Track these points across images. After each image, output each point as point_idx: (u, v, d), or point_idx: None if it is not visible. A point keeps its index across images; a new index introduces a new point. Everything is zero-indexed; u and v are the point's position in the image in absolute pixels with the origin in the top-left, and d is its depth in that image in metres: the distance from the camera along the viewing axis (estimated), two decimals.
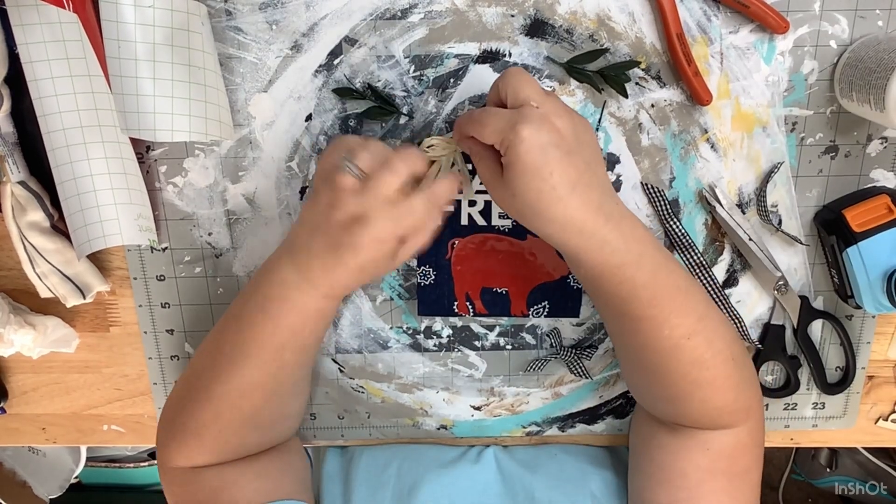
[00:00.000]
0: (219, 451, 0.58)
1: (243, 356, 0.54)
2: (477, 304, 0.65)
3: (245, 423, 0.57)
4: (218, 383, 0.55)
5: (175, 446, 0.58)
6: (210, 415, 0.56)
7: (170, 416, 0.59)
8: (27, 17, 0.53)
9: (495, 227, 0.63)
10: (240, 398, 0.55)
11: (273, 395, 0.57)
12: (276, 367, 0.55)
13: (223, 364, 0.55)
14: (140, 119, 0.52)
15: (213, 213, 0.63)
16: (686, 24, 0.57)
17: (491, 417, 0.70)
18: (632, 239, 0.50)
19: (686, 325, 0.52)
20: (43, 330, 0.65)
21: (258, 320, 0.54)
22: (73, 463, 1.11)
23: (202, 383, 0.56)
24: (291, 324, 0.53)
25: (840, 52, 0.58)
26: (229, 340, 0.55)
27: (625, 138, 0.60)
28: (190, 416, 0.57)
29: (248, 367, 0.54)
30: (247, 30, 0.57)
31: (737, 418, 0.56)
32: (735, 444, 0.56)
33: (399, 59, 0.58)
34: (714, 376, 0.54)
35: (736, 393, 0.55)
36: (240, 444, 0.59)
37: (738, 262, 0.64)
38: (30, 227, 0.60)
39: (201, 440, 0.57)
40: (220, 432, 0.57)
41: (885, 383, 0.69)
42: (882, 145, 0.60)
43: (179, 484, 0.58)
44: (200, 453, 0.57)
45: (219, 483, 0.57)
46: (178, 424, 0.58)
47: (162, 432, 0.60)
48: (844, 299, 0.63)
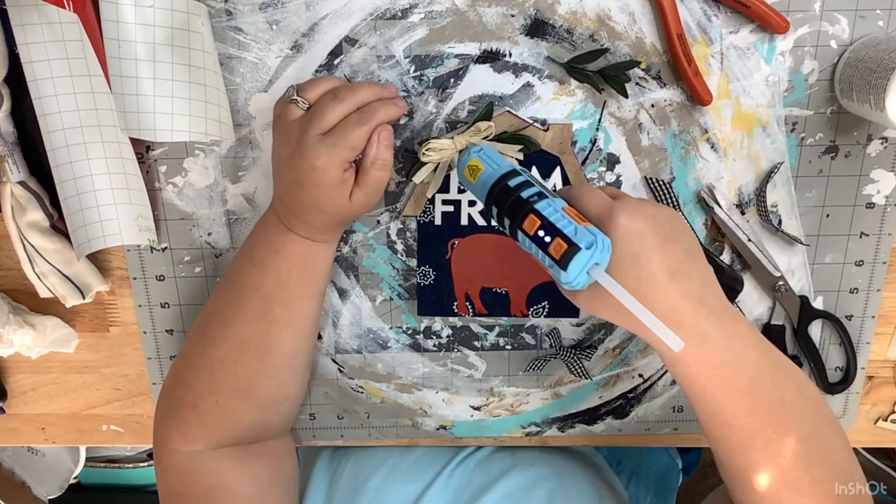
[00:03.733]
0: (215, 430, 0.58)
1: (235, 311, 0.56)
2: (476, 304, 0.65)
3: (241, 393, 0.57)
4: (213, 346, 0.56)
5: (174, 424, 0.58)
6: (207, 383, 0.56)
7: (167, 392, 0.60)
8: (27, 17, 0.53)
9: (495, 227, 0.63)
10: (234, 362, 0.56)
11: (265, 363, 0.57)
12: (267, 323, 0.56)
13: (216, 325, 0.57)
14: (140, 119, 0.52)
15: (212, 213, 0.63)
16: (686, 24, 0.57)
17: (490, 418, 0.70)
18: (735, 337, 0.46)
19: (783, 444, 0.47)
20: (42, 330, 0.65)
21: (247, 270, 0.56)
22: (73, 463, 1.11)
23: (198, 349, 0.57)
24: (277, 270, 0.55)
25: (840, 52, 0.58)
26: (222, 299, 0.58)
27: (625, 138, 0.60)
28: (187, 389, 0.57)
29: (239, 322, 0.56)
30: (247, 30, 0.57)
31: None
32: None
33: (399, 59, 0.58)
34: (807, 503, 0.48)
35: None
36: (235, 422, 0.58)
37: (737, 263, 0.64)
38: (29, 227, 0.60)
39: (199, 413, 0.57)
40: (216, 404, 0.57)
41: (885, 384, 0.69)
42: (882, 145, 0.60)
43: (175, 471, 0.58)
44: (198, 432, 0.57)
45: (214, 481, 0.57)
46: (175, 398, 0.58)
47: (159, 411, 0.60)
48: None
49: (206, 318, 0.59)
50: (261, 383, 0.58)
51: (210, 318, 0.58)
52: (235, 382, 0.57)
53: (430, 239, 0.63)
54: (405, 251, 0.64)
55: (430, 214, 0.62)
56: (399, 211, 0.63)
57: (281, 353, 0.58)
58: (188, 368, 0.58)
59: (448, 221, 0.62)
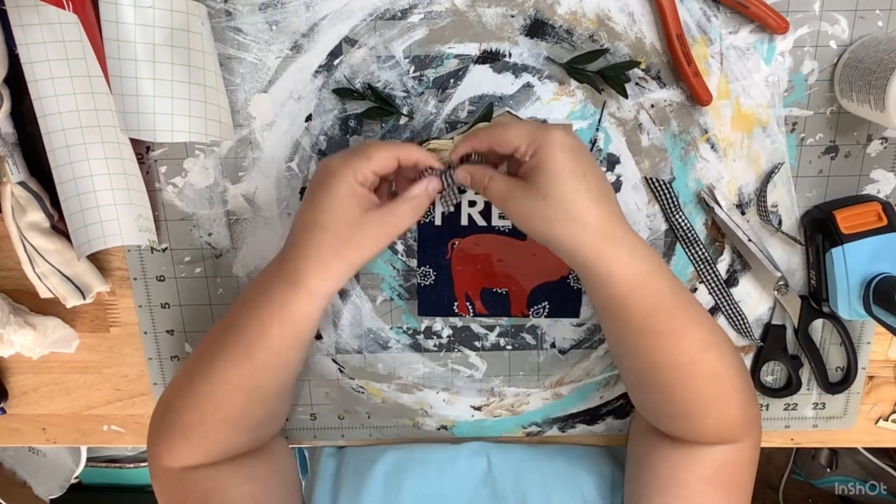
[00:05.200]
0: (206, 452, 0.58)
1: (220, 350, 0.55)
2: (477, 304, 0.65)
3: (230, 424, 0.57)
4: (200, 381, 0.56)
5: (164, 446, 0.58)
6: (196, 415, 0.56)
7: (159, 414, 0.59)
8: (27, 17, 0.53)
9: (495, 227, 0.63)
10: (221, 398, 0.55)
11: (253, 399, 0.57)
12: (251, 366, 0.54)
13: (205, 361, 0.56)
14: (140, 119, 0.52)
15: (213, 213, 0.63)
16: (686, 25, 0.57)
17: (491, 418, 0.70)
18: (650, 249, 0.50)
19: (701, 338, 0.52)
20: (43, 330, 0.65)
21: (235, 308, 0.56)
22: (74, 463, 1.11)
23: (188, 381, 0.57)
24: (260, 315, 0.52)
25: (840, 52, 0.58)
26: (212, 337, 0.57)
27: (625, 139, 0.60)
28: (177, 416, 0.57)
29: (223, 362, 0.55)
30: (247, 30, 0.57)
31: (743, 432, 0.56)
32: (738, 458, 0.57)
33: (399, 60, 0.58)
34: (728, 390, 0.54)
35: (745, 407, 0.55)
36: (226, 445, 0.58)
37: (738, 263, 0.64)
38: (30, 228, 0.60)
39: (188, 440, 0.57)
40: (206, 433, 0.57)
41: (886, 383, 0.69)
42: (882, 145, 0.60)
43: (170, 485, 0.58)
44: (189, 453, 0.57)
45: (210, 485, 0.58)
46: (165, 423, 0.58)
47: (152, 431, 0.60)
48: (818, 302, 0.63)
49: (198, 351, 0.58)
50: (249, 413, 0.58)
51: (202, 353, 0.57)
52: (224, 415, 0.56)
53: (430, 239, 0.63)
54: (405, 251, 0.64)
55: (430, 215, 0.62)
56: None
57: (267, 389, 0.57)
58: (179, 396, 0.57)
59: (448, 222, 0.62)
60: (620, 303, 0.50)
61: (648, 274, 0.49)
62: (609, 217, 0.48)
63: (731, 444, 0.56)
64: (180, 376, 0.58)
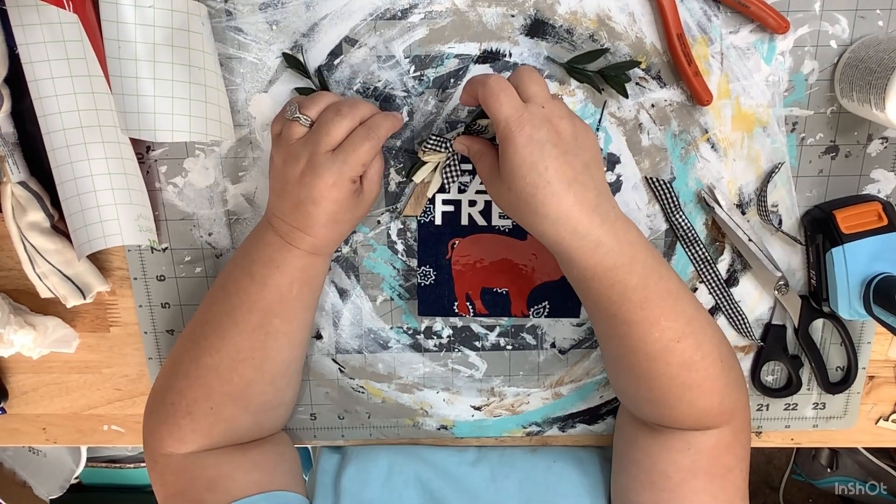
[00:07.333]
0: (210, 433, 0.58)
1: (231, 322, 0.56)
2: (477, 304, 0.65)
3: (236, 400, 0.57)
4: (207, 355, 0.56)
5: (167, 430, 0.57)
6: (201, 390, 0.56)
7: (158, 398, 0.59)
8: (27, 17, 0.53)
9: (495, 227, 0.63)
10: (229, 370, 0.56)
11: (262, 371, 0.57)
12: (264, 334, 0.56)
13: (211, 335, 0.56)
14: (140, 119, 0.52)
15: (213, 213, 0.63)
16: (686, 24, 0.57)
17: (491, 418, 0.70)
18: (625, 242, 0.50)
19: (675, 328, 0.52)
20: (43, 330, 0.65)
21: (244, 284, 0.56)
22: (74, 463, 1.11)
23: (191, 357, 0.57)
24: (278, 284, 0.55)
25: (840, 52, 0.58)
26: (217, 310, 0.57)
27: (625, 138, 0.60)
28: (180, 395, 0.57)
29: (237, 334, 0.55)
30: (247, 30, 0.57)
31: (721, 420, 0.56)
32: (716, 443, 0.56)
33: (399, 60, 0.58)
34: (702, 378, 0.54)
35: (722, 396, 0.55)
36: (231, 425, 0.58)
37: (738, 263, 0.64)
38: (30, 228, 0.60)
39: (193, 419, 0.57)
40: (210, 410, 0.57)
41: (886, 383, 0.69)
42: (882, 145, 0.60)
43: (173, 472, 0.58)
44: (193, 436, 0.57)
45: (216, 472, 0.57)
46: (167, 405, 0.58)
47: (151, 417, 0.59)
48: (819, 302, 0.63)
49: (198, 328, 0.58)
50: (256, 390, 0.58)
51: (204, 328, 0.57)
52: (230, 389, 0.57)
53: (430, 239, 0.63)
54: (405, 251, 0.64)
55: (430, 214, 0.62)
56: (399, 211, 0.63)
57: (277, 362, 0.58)
58: (181, 375, 0.57)
59: (448, 221, 0.62)
60: (586, 288, 0.53)
61: (612, 267, 0.50)
62: (573, 210, 0.48)
63: (709, 430, 0.56)
64: (176, 359, 0.58)
